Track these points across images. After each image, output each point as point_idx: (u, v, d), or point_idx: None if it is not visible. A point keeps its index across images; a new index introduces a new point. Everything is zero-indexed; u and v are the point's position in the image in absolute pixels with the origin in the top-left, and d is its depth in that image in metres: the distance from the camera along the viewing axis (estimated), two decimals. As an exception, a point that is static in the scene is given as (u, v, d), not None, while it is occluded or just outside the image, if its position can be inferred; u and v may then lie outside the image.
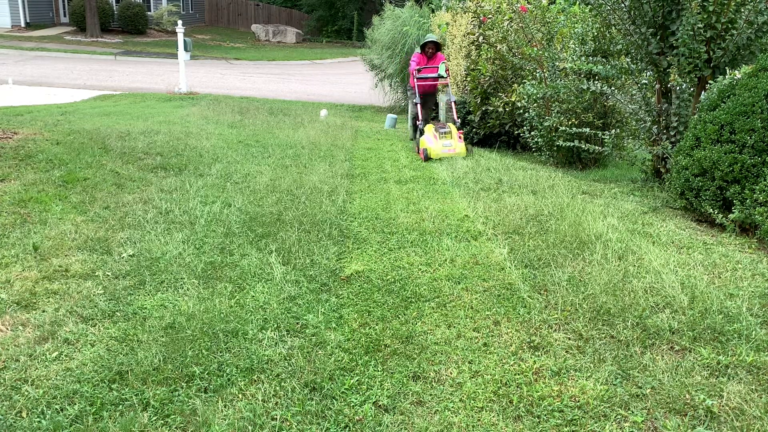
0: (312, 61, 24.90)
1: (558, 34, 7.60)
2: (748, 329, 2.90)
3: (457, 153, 7.28)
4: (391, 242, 4.16)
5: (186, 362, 2.57)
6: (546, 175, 6.32)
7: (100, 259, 3.63)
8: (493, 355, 2.75)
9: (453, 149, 7.29)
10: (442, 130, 7.51)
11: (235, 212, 4.60)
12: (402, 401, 2.40)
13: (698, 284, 3.41)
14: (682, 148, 4.85)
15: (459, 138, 7.50)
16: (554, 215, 4.68)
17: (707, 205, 4.56)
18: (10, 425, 2.17)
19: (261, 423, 2.23)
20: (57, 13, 27.93)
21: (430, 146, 7.26)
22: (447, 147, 7.27)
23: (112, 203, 4.69)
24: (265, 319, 3.00)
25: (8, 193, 4.61)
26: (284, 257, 3.78)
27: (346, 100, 14.77)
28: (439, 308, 3.20)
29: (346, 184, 5.67)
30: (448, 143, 7.32)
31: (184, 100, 12.23)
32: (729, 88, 4.72)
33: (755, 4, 4.97)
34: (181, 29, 13.20)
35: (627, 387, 2.48)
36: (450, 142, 7.35)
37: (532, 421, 2.30)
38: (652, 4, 5.41)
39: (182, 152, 6.48)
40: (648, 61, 5.67)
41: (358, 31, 29.23)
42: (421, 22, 12.28)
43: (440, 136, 7.41)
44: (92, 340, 2.75)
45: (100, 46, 23.16)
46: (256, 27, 33.26)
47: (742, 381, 2.50)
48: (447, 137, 7.43)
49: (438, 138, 7.37)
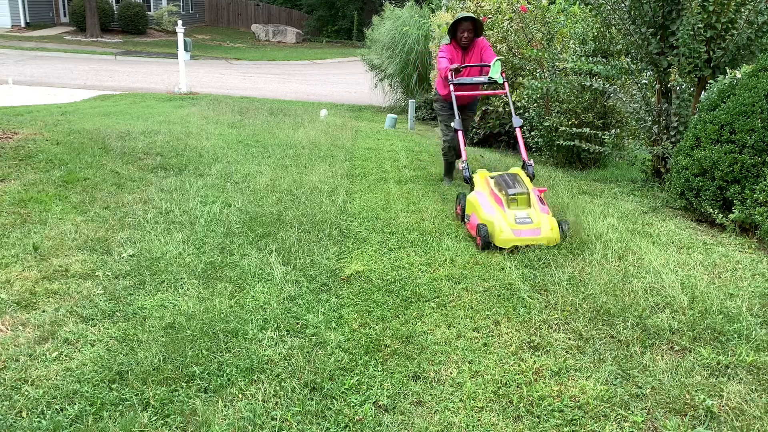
0: (312, 61, 24.90)
1: (558, 34, 7.60)
2: (748, 329, 2.90)
3: (544, 237, 3.96)
4: (391, 242, 4.16)
5: (186, 362, 2.57)
6: (546, 175, 6.33)
7: (100, 259, 3.63)
8: (493, 355, 2.75)
9: (536, 230, 3.97)
10: (511, 191, 4.15)
11: (235, 212, 4.59)
12: (402, 401, 2.40)
13: (698, 284, 3.41)
14: (682, 148, 4.85)
15: (541, 203, 4.20)
16: (554, 215, 4.67)
17: (707, 205, 4.56)
18: (10, 425, 2.17)
19: (261, 423, 2.23)
20: (57, 13, 27.93)
21: (496, 223, 3.98)
22: (524, 225, 3.98)
23: (112, 203, 4.69)
24: (265, 319, 3.00)
25: (8, 193, 4.61)
26: (284, 257, 3.78)
27: (346, 100, 14.76)
28: (439, 308, 3.20)
29: (346, 184, 5.66)
30: (523, 216, 4.02)
31: (184, 100, 12.22)
32: (729, 88, 4.72)
33: (755, 4, 4.97)
34: (181, 29, 13.20)
35: (627, 387, 2.48)
36: (527, 213, 4.05)
37: (532, 421, 2.30)
38: (652, 4, 5.41)
39: (182, 152, 6.48)
40: (648, 61, 5.67)
41: (358, 31, 29.25)
42: (421, 22, 12.27)
43: (509, 202, 4.12)
44: (92, 340, 2.75)
45: (100, 46, 23.16)
46: (256, 27, 33.26)
47: (742, 381, 2.50)
48: (521, 203, 4.12)
49: (506, 206, 4.10)
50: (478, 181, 4.50)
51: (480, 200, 4.24)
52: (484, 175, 4.53)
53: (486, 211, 4.12)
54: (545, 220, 4.02)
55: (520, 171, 4.56)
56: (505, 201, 4.12)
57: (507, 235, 3.93)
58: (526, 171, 4.61)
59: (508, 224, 3.97)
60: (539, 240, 3.95)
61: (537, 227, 3.98)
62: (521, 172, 4.55)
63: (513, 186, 4.22)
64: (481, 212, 4.15)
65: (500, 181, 4.32)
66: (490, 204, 4.16)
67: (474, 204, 4.29)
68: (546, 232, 3.97)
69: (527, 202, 4.14)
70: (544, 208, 4.15)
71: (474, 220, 4.24)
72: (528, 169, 4.63)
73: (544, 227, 3.99)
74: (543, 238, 3.95)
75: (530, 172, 4.60)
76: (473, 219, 4.26)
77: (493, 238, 3.97)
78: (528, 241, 3.94)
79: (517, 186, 4.22)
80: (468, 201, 4.41)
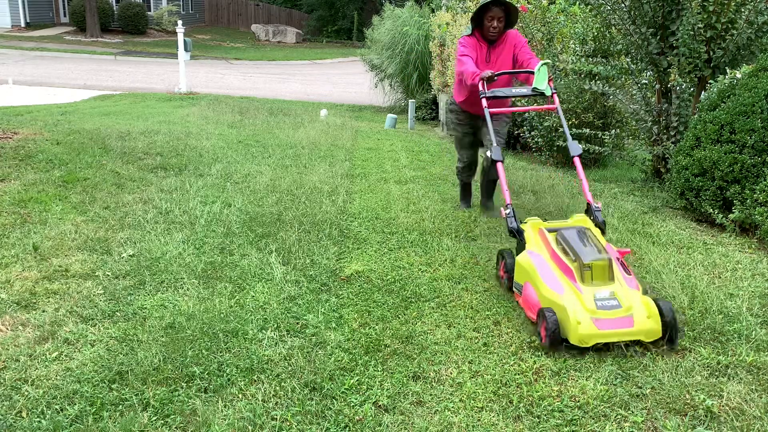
0: (312, 61, 24.90)
1: (558, 34, 7.60)
2: (748, 329, 2.91)
3: (641, 331, 2.73)
4: (391, 242, 4.16)
5: (186, 362, 2.57)
6: (546, 175, 6.33)
7: (100, 259, 3.63)
8: (493, 355, 2.75)
9: (627, 319, 2.75)
10: (586, 256, 2.94)
11: (235, 212, 4.60)
12: (402, 401, 2.40)
13: (698, 284, 3.41)
14: (682, 148, 4.85)
15: (626, 271, 3.02)
16: (554, 215, 4.67)
17: (707, 205, 4.56)
18: (10, 425, 2.17)
19: (261, 423, 2.23)
20: (57, 13, 27.92)
21: (570, 310, 2.74)
22: (610, 312, 2.77)
23: (112, 203, 4.69)
24: (265, 319, 3.00)
25: (8, 193, 4.61)
26: (284, 257, 3.78)
27: (346, 100, 14.76)
28: (439, 308, 3.20)
29: (346, 184, 5.66)
30: (606, 296, 2.83)
31: (184, 100, 12.23)
32: (729, 88, 4.72)
33: (755, 4, 4.97)
34: (181, 29, 13.20)
35: (627, 387, 2.48)
36: (611, 290, 2.86)
37: (532, 421, 2.30)
38: (652, 4, 5.41)
39: (182, 152, 6.48)
40: (648, 61, 5.67)
41: (358, 31, 29.23)
42: (421, 22, 12.28)
43: (582, 273, 2.91)
44: (92, 340, 2.75)
45: (100, 46, 23.16)
46: (256, 27, 33.26)
47: (742, 381, 2.50)
48: (599, 275, 2.91)
49: (579, 280, 2.90)
50: (532, 236, 3.28)
51: (539, 267, 3.03)
52: (539, 226, 3.32)
53: (551, 287, 2.90)
54: (638, 302, 2.78)
55: (586, 220, 3.40)
56: (578, 272, 2.90)
57: (587, 328, 2.68)
58: (593, 219, 3.42)
59: (587, 311, 2.73)
60: (634, 335, 2.71)
61: (628, 314, 2.74)
62: (588, 221, 3.38)
63: (585, 248, 2.98)
64: (542, 287, 2.94)
65: (565, 238, 3.09)
66: (556, 276, 2.95)
67: (529, 271, 3.07)
68: (642, 321, 2.72)
69: (608, 273, 2.90)
70: (631, 280, 2.94)
71: (530, 295, 3.02)
72: (596, 215, 3.42)
73: (638, 314, 2.74)
74: (639, 332, 2.71)
75: (599, 220, 3.39)
76: (529, 294, 3.04)
77: (567, 332, 2.72)
78: (618, 337, 2.71)
79: (590, 248, 2.98)
80: (519, 265, 3.19)
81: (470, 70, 4.03)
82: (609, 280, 2.91)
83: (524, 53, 4.24)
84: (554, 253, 3.06)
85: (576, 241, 3.05)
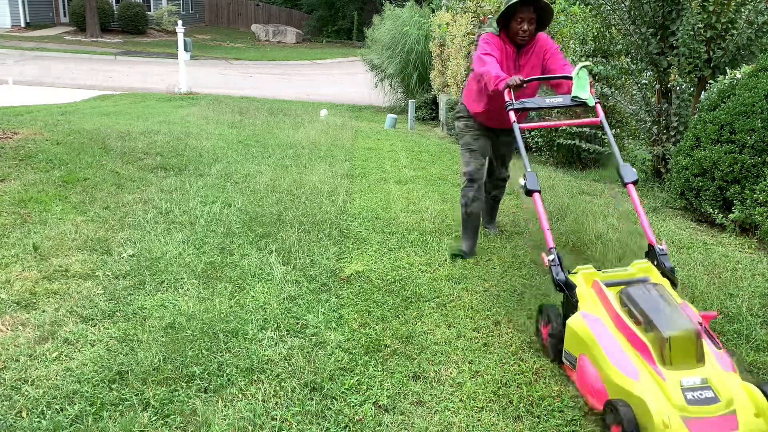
0: (312, 61, 24.90)
1: (558, 34, 7.60)
2: (748, 329, 2.91)
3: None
4: (391, 242, 4.16)
5: (186, 362, 2.57)
6: (546, 175, 6.32)
7: (100, 259, 3.63)
8: (493, 355, 2.75)
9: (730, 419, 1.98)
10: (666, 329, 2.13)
11: (235, 212, 4.59)
12: (402, 401, 2.40)
13: (698, 284, 3.41)
14: (682, 148, 4.85)
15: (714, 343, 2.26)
16: (554, 215, 4.68)
17: (707, 205, 4.56)
18: (10, 425, 2.17)
19: (261, 423, 2.23)
20: (57, 13, 27.91)
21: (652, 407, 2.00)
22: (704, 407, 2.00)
23: (112, 203, 4.69)
24: (265, 319, 3.00)
25: (8, 193, 4.61)
26: (284, 257, 3.78)
27: (346, 100, 14.76)
28: (439, 308, 3.20)
29: (346, 184, 5.66)
30: (696, 384, 2.06)
31: (184, 100, 12.23)
32: (729, 88, 4.73)
33: (755, 4, 4.97)
34: (181, 29, 13.20)
35: (627, 387, 2.48)
36: (701, 375, 2.08)
37: (532, 421, 2.30)
38: (652, 4, 5.41)
39: (182, 152, 6.48)
40: (648, 61, 5.67)
41: (358, 31, 29.24)
42: (421, 22, 12.28)
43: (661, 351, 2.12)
44: (92, 340, 2.75)
45: (100, 46, 23.16)
46: (256, 27, 33.26)
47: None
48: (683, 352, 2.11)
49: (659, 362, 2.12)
50: (586, 293, 2.52)
51: (600, 339, 2.30)
52: (594, 278, 2.56)
53: (621, 370, 2.18)
54: (740, 394, 2.07)
55: (651, 268, 2.62)
56: (655, 348, 2.16)
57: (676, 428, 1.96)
58: (657, 265, 2.65)
59: (675, 407, 2.02)
60: None
61: (729, 410, 2.02)
62: (656, 273, 2.59)
63: (662, 314, 2.22)
64: (608, 369, 2.22)
65: (632, 299, 2.33)
66: (625, 354, 2.22)
67: (588, 342, 2.35)
68: (749, 421, 2.00)
69: (696, 350, 2.15)
70: (723, 357, 2.21)
71: (591, 376, 2.31)
72: (662, 262, 2.65)
73: (742, 411, 2.02)
74: None
75: (668, 268, 2.61)
76: (589, 373, 2.33)
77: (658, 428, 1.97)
78: None
79: (670, 313, 2.22)
80: (573, 332, 2.46)
81: (494, 73, 3.29)
82: (698, 361, 2.12)
83: (555, 60, 3.55)
84: (619, 319, 2.30)
85: (648, 302, 2.28)
